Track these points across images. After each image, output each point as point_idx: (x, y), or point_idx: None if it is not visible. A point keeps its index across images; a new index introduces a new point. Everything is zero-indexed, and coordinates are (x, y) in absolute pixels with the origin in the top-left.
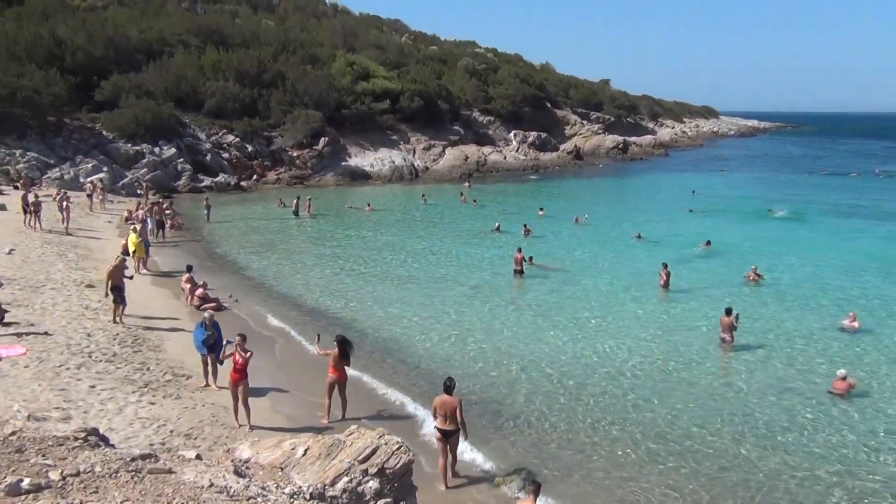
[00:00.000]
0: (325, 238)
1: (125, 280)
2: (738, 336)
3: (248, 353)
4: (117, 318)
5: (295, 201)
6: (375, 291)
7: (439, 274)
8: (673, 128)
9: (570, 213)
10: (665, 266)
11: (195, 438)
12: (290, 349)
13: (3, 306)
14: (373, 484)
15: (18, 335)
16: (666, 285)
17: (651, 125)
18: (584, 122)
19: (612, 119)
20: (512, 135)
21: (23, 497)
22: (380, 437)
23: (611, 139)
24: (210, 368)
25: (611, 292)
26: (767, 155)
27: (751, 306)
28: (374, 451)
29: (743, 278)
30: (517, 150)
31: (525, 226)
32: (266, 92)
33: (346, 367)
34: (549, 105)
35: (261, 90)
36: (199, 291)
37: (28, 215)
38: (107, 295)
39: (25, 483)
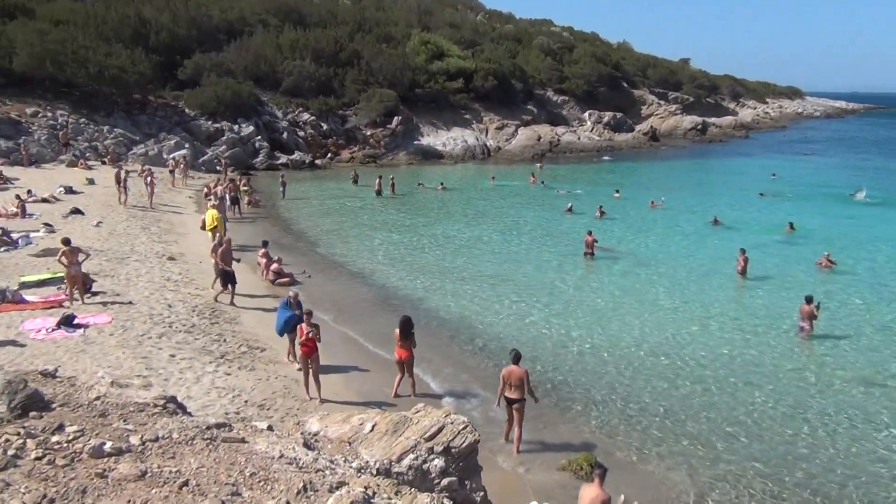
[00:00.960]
0: (397, 217)
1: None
2: (818, 326)
3: (316, 328)
4: (232, 300)
5: (378, 180)
6: (444, 271)
7: (509, 255)
8: (755, 108)
9: (645, 195)
10: (743, 251)
11: (268, 409)
12: (360, 324)
13: (91, 276)
14: (438, 462)
15: (104, 304)
16: (743, 271)
17: (732, 106)
18: (662, 102)
19: (692, 99)
20: (586, 115)
21: (105, 459)
22: (446, 415)
23: (689, 120)
24: (293, 347)
25: (685, 277)
26: (855, 138)
27: (828, 294)
28: (440, 430)
29: (815, 265)
30: (591, 131)
31: (599, 207)
32: (341, 71)
33: (411, 347)
34: (625, 85)
35: (336, 69)
36: (274, 266)
37: (121, 191)
38: (217, 278)
39: (108, 446)
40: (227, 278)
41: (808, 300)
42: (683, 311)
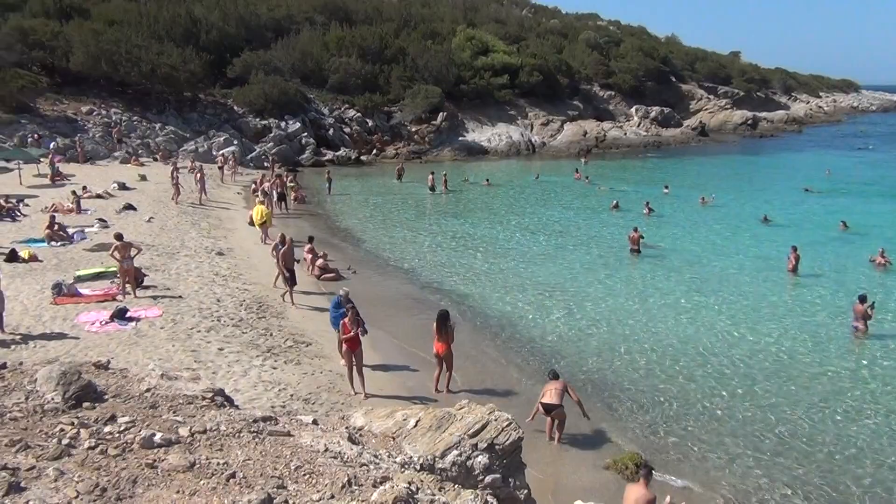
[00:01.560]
0: (443, 213)
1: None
2: (873, 326)
3: (360, 323)
4: (293, 301)
5: (431, 176)
6: (489, 267)
7: (554, 252)
8: (808, 102)
9: (695, 192)
10: (794, 249)
11: (313, 403)
12: (403, 320)
13: (143, 270)
14: (482, 459)
15: (155, 298)
16: (794, 269)
17: (784, 100)
18: (711, 96)
19: (742, 93)
20: (633, 110)
21: (155, 450)
22: (490, 412)
23: (739, 114)
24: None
25: (735, 275)
26: None
27: (884, 293)
28: (483, 427)
29: (868, 262)
30: (638, 126)
31: (647, 204)
32: (387, 67)
33: (448, 341)
34: (673, 79)
35: (382, 66)
36: (320, 262)
37: (176, 188)
38: (277, 278)
39: (158, 437)
40: (289, 278)
41: (862, 299)
42: (732, 311)
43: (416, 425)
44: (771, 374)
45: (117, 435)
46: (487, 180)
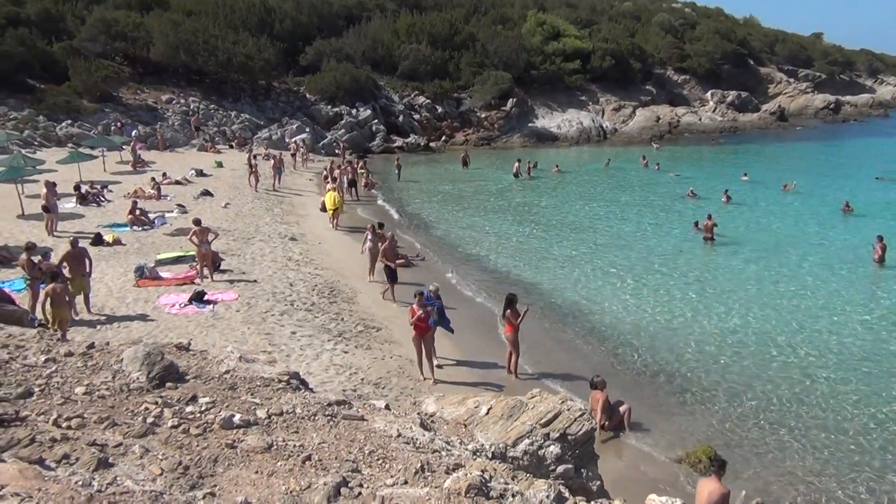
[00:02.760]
0: (512, 199)
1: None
2: None
3: (428, 308)
4: (394, 298)
5: (517, 164)
6: (558, 255)
7: (625, 240)
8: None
9: (775, 179)
10: (880, 239)
11: (383, 388)
12: (473, 307)
13: (220, 255)
14: (554, 448)
15: (231, 282)
16: (881, 260)
17: (869, 83)
18: (791, 80)
19: (824, 76)
20: (709, 94)
21: (234, 430)
22: (562, 401)
23: (820, 98)
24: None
25: (815, 266)
26: None
27: None
28: (556, 416)
29: None
30: (714, 111)
31: (726, 192)
32: (457, 54)
33: (512, 323)
34: (751, 62)
35: (452, 52)
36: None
37: (252, 174)
38: (373, 271)
39: (237, 418)
40: (390, 275)
41: None
42: (813, 303)
43: (487, 413)
44: (854, 371)
45: (198, 415)
46: (557, 167)
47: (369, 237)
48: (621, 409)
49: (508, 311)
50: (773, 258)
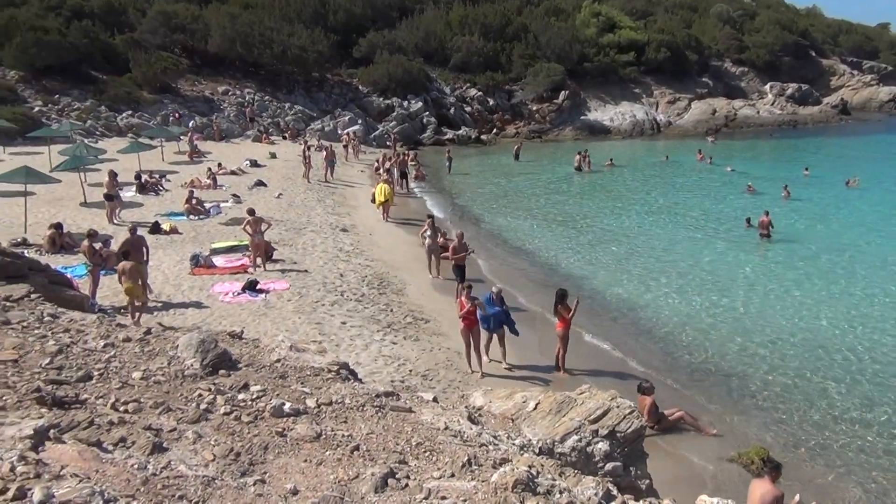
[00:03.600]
0: (564, 193)
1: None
2: None
3: (477, 301)
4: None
5: (578, 157)
6: (611, 249)
7: (678, 235)
8: None
9: (838, 174)
10: None
11: (431, 380)
12: (521, 301)
13: (272, 244)
14: (602, 446)
15: (283, 271)
16: None
17: None
18: (855, 72)
19: (890, 68)
20: (767, 87)
21: (284, 419)
22: (612, 398)
23: (886, 91)
24: (501, 347)
25: (878, 265)
26: None
27: None
28: (605, 413)
29: None
30: (772, 104)
31: (785, 187)
32: (509, 45)
33: (561, 318)
34: (813, 54)
35: (504, 44)
36: (440, 240)
37: (306, 165)
38: (433, 266)
39: (287, 407)
40: (460, 274)
41: None
42: (876, 305)
43: (535, 408)
44: None
45: (250, 402)
46: (610, 161)
47: (428, 232)
48: (674, 416)
49: (559, 305)
50: (832, 257)
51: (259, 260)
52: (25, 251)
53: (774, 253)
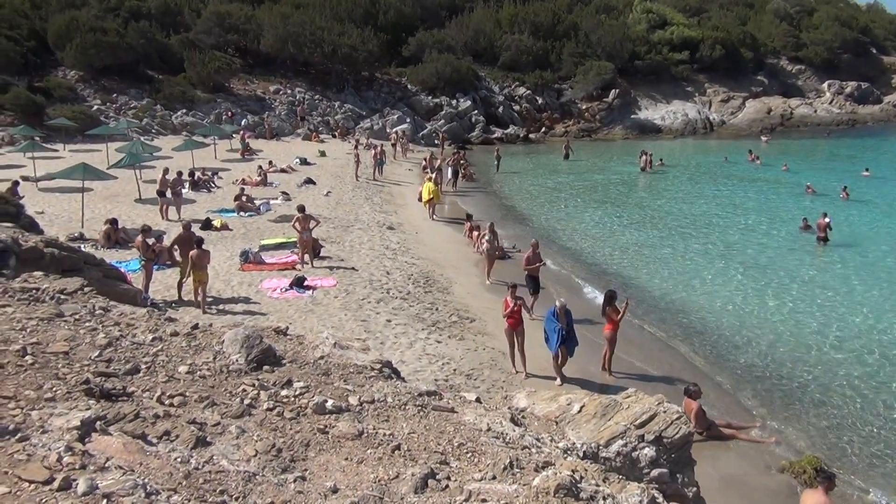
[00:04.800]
0: (612, 192)
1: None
2: None
3: (521, 301)
4: (532, 310)
5: (644, 157)
6: (661, 251)
7: (734, 237)
8: None
9: None
10: None
11: (475, 379)
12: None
13: (320, 241)
14: (648, 451)
15: (330, 268)
16: None
17: None
18: None
19: None
20: (825, 85)
21: (327, 416)
22: (658, 403)
23: None
24: (561, 362)
25: None
26: None
27: None
28: (651, 418)
29: None
30: (830, 103)
31: (844, 188)
32: (559, 44)
33: (609, 320)
34: (874, 51)
35: (554, 42)
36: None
37: (357, 164)
38: (489, 272)
39: (330, 404)
40: (533, 285)
41: None
42: None
43: (580, 411)
44: None
45: (293, 399)
46: (661, 160)
47: (486, 237)
48: (727, 431)
49: (608, 307)
50: (892, 260)
51: (307, 257)
52: (82, 245)
53: (832, 256)
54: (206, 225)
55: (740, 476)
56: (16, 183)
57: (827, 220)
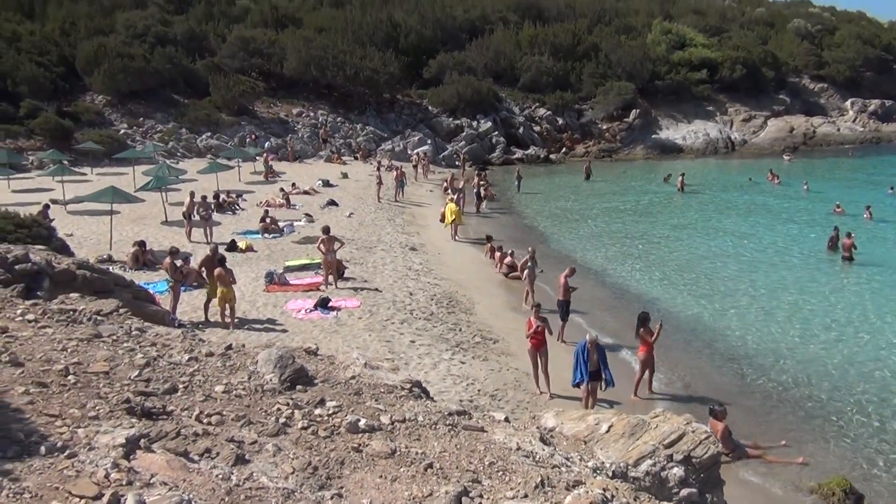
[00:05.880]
0: (634, 213)
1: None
2: None
3: (545, 322)
4: (563, 336)
5: (680, 178)
6: (682, 272)
7: (758, 257)
8: None
9: None
10: None
11: (499, 400)
12: (590, 322)
13: (344, 262)
14: (677, 471)
15: (354, 289)
16: None
17: None
18: None
19: None
20: (848, 103)
21: (360, 435)
22: (687, 423)
23: None
24: (592, 404)
25: None
26: None
27: None
28: (679, 437)
29: None
30: (854, 121)
31: (867, 208)
32: (579, 64)
33: (642, 342)
34: None
35: (574, 63)
36: (508, 260)
37: (379, 185)
38: (528, 297)
39: (362, 423)
40: (563, 309)
41: None
42: None
43: (608, 430)
44: None
45: (326, 418)
46: (682, 177)
47: (530, 263)
48: (754, 453)
49: (642, 329)
50: None
51: (331, 278)
52: (110, 267)
53: (857, 276)
54: (232, 247)
55: (769, 497)
56: (46, 206)
57: (851, 239)
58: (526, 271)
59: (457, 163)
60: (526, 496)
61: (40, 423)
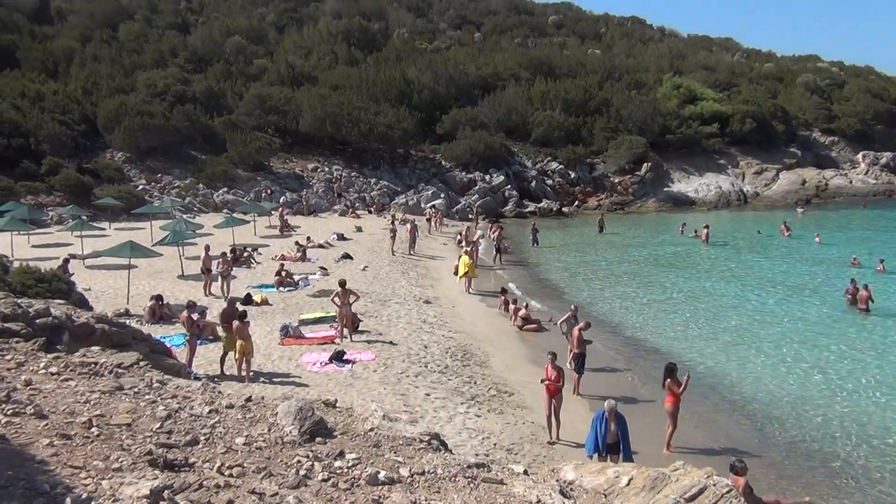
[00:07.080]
0: (649, 265)
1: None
2: None
3: (560, 371)
4: (580, 392)
5: (705, 231)
6: (698, 326)
7: (774, 308)
8: None
9: None
10: None
11: (515, 454)
12: (607, 376)
13: (359, 316)
14: None
15: (369, 342)
16: None
17: None
18: None
19: None
20: (860, 156)
21: (379, 487)
22: (708, 476)
23: None
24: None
25: None
26: None
27: None
28: (701, 491)
29: None
30: (866, 174)
31: (881, 261)
32: (590, 119)
33: (669, 393)
34: None
35: (585, 117)
36: (522, 312)
37: (393, 239)
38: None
39: (382, 475)
40: (579, 362)
41: None
42: None
43: (628, 484)
44: None
45: (346, 470)
46: (695, 232)
47: (572, 321)
48: None
49: (669, 380)
50: None
51: (346, 331)
52: (128, 321)
53: (874, 328)
54: (247, 300)
55: None
56: (66, 261)
57: (868, 291)
58: (564, 327)
59: (470, 216)
60: None
61: (65, 475)
